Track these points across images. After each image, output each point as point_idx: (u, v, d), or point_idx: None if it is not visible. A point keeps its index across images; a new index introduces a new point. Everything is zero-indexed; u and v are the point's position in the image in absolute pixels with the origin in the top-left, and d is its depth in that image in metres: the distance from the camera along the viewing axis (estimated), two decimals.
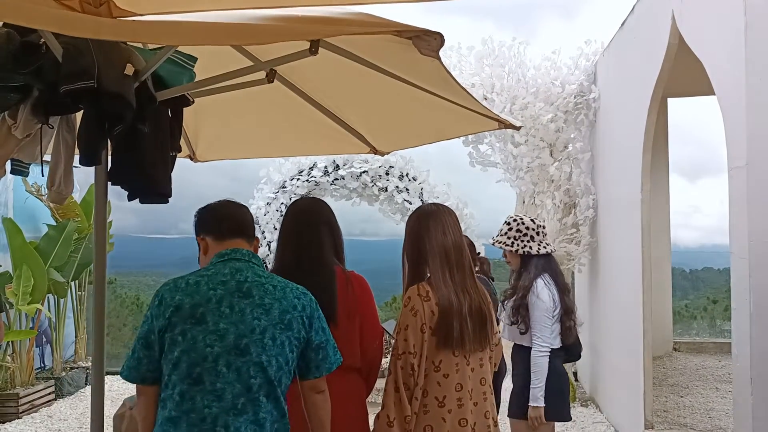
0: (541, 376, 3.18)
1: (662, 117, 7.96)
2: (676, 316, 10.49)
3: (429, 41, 1.55)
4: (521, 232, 3.29)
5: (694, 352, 8.55)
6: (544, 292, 3.20)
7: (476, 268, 3.94)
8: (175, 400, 1.78)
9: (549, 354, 3.19)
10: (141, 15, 1.64)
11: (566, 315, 3.26)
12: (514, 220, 3.34)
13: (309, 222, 2.35)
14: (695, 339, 9.25)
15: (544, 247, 3.29)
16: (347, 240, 2.50)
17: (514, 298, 3.29)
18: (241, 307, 1.83)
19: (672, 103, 7.99)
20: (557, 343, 3.25)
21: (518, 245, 3.28)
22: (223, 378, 1.78)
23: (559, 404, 3.24)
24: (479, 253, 4.12)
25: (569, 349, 3.35)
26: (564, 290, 3.29)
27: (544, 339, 3.20)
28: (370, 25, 1.54)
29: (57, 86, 2.06)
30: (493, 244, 3.43)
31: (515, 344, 3.37)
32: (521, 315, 3.23)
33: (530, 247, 3.27)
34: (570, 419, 3.35)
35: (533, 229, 3.30)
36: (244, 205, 2.13)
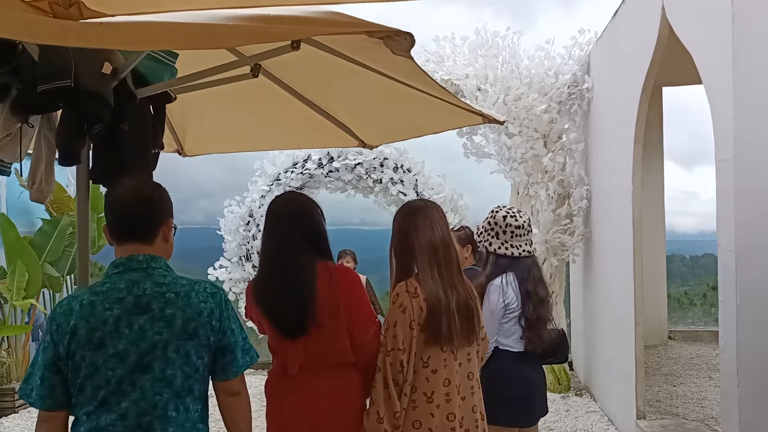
0: None
1: (656, 106, 7.93)
2: (676, 303, 10.50)
3: (400, 41, 1.54)
4: (490, 225, 3.07)
5: (689, 341, 8.57)
6: (495, 293, 2.96)
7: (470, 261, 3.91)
8: (82, 420, 1.76)
9: (487, 356, 2.92)
10: (111, 16, 1.62)
11: (527, 325, 2.97)
12: (492, 211, 3.12)
13: (277, 225, 2.28)
14: (690, 327, 9.28)
15: (506, 248, 3.02)
16: (348, 230, 2.45)
17: None
18: (141, 324, 1.75)
19: (671, 89, 7.93)
20: (517, 347, 3.00)
21: (483, 237, 3.09)
22: (128, 397, 1.73)
23: (520, 411, 3.01)
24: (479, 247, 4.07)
25: (550, 354, 3.12)
26: (528, 296, 2.97)
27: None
28: (342, 25, 1.53)
29: (35, 85, 2.05)
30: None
31: None
32: None
33: (490, 243, 3.05)
34: (534, 423, 3.09)
35: (501, 227, 3.03)
36: (148, 192, 1.90)
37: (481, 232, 3.12)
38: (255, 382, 7.15)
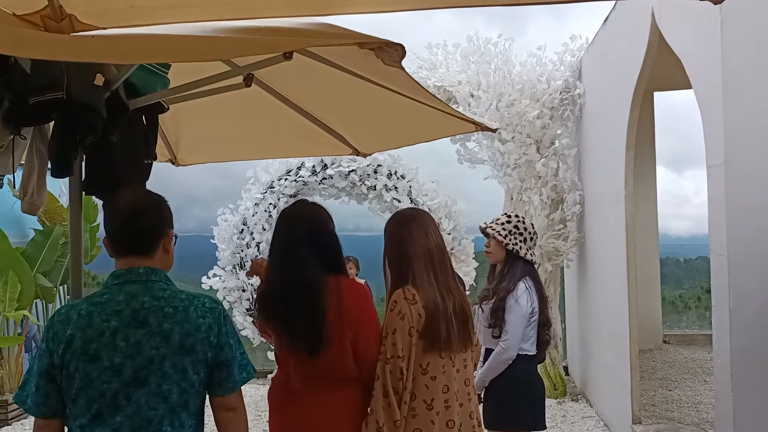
0: (492, 373, 3.10)
1: (648, 111, 7.97)
2: (670, 306, 10.52)
3: (390, 52, 1.55)
4: (518, 229, 3.17)
5: (684, 345, 8.59)
6: (523, 297, 3.08)
7: None
8: None
9: (510, 360, 3.07)
10: (104, 29, 1.62)
11: (544, 327, 3.17)
12: (516, 216, 3.24)
13: (290, 237, 2.22)
14: (685, 331, 9.30)
15: (531, 255, 3.19)
16: (343, 236, 2.31)
17: (494, 299, 3.15)
18: (138, 338, 1.72)
19: (663, 94, 7.98)
20: (533, 350, 3.16)
21: (510, 240, 3.16)
22: (123, 411, 1.71)
23: (539, 413, 3.15)
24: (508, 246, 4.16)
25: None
26: (545, 301, 3.20)
27: (511, 343, 3.07)
28: (334, 37, 1.54)
29: (27, 97, 2.05)
30: (485, 228, 3.26)
31: (487, 349, 3.20)
32: (498, 318, 3.11)
33: (520, 248, 3.15)
34: (545, 428, 3.22)
35: (530, 233, 3.20)
36: (149, 205, 1.87)
37: (507, 234, 3.19)
38: (250, 391, 7.12)
